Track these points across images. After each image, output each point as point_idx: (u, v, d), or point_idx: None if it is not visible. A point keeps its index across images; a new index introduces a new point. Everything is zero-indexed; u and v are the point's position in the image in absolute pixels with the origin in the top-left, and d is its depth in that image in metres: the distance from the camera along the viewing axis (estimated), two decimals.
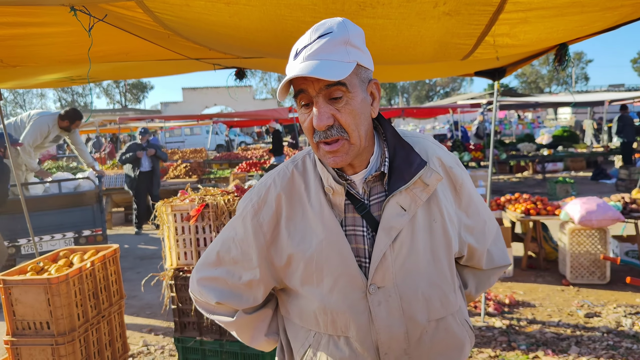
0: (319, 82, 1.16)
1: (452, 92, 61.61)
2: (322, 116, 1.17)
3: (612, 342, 4.16)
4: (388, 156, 1.31)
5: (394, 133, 1.35)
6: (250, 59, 3.72)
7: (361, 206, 1.29)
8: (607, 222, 5.39)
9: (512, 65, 4.10)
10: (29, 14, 2.23)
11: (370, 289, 1.25)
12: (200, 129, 28.08)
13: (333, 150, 1.20)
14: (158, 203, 3.52)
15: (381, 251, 1.25)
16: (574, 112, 25.08)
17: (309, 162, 1.37)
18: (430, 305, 1.29)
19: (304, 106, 1.22)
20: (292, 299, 1.38)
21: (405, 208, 1.26)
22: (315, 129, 1.21)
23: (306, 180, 1.33)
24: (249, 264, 1.36)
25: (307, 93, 1.19)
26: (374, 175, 1.30)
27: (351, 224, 1.29)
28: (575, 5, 2.16)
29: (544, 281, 5.79)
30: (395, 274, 1.26)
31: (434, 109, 18.69)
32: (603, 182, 12.82)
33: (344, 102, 1.18)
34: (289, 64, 1.22)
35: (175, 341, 3.57)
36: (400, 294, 1.26)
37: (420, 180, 1.26)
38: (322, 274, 1.28)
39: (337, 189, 1.26)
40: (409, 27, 2.43)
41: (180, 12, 2.27)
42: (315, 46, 1.16)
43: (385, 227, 1.25)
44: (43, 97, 63.13)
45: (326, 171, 1.28)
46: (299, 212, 1.31)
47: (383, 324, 1.26)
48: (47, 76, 3.82)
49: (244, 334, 1.48)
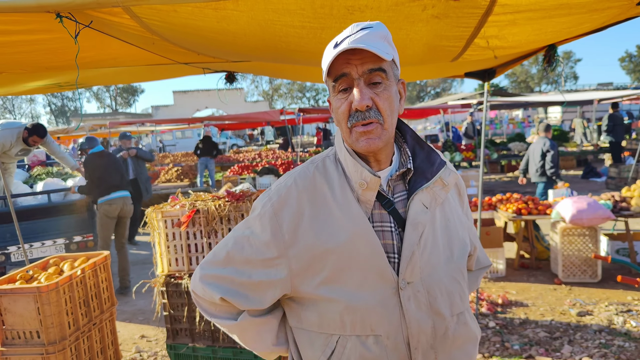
0: (362, 65, 1.22)
1: (442, 92, 61.84)
2: (364, 96, 1.21)
3: (604, 340, 4.19)
4: (410, 155, 1.37)
5: (413, 134, 1.42)
6: (239, 63, 3.70)
7: (388, 202, 1.31)
8: (598, 221, 5.43)
9: (502, 66, 4.12)
10: (14, 22, 2.20)
11: (401, 284, 1.27)
12: (192, 132, 27.99)
13: (368, 130, 1.24)
14: (148, 209, 3.50)
15: (411, 246, 1.27)
16: (564, 111, 25.27)
17: (329, 162, 1.38)
18: (452, 300, 1.33)
19: (341, 92, 1.26)
20: (306, 306, 1.34)
21: (427, 206, 1.31)
22: (350, 113, 1.25)
23: (329, 179, 1.34)
24: (263, 264, 1.33)
25: (348, 76, 1.23)
26: (398, 174, 1.34)
27: (378, 220, 1.31)
28: (562, 7, 2.17)
29: (537, 280, 5.82)
30: (422, 268, 1.29)
31: (425, 109, 18.73)
32: (593, 181, 12.93)
33: (382, 88, 1.24)
34: (329, 52, 1.24)
35: (168, 348, 3.54)
36: (427, 289, 1.29)
37: (440, 180, 1.33)
38: (352, 270, 1.27)
39: (371, 182, 1.27)
40: (397, 31, 2.44)
41: (167, 18, 2.25)
42: (359, 35, 1.21)
43: (413, 223, 1.28)
44: (32, 102, 62.66)
45: (359, 165, 1.28)
46: (324, 210, 1.31)
47: (414, 317, 1.27)
48: (35, 83, 3.78)
49: (248, 338, 1.43)
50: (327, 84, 1.32)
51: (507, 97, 16.52)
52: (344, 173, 1.34)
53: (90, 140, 6.51)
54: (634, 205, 5.87)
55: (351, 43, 1.19)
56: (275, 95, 60.95)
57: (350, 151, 1.32)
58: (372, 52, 1.19)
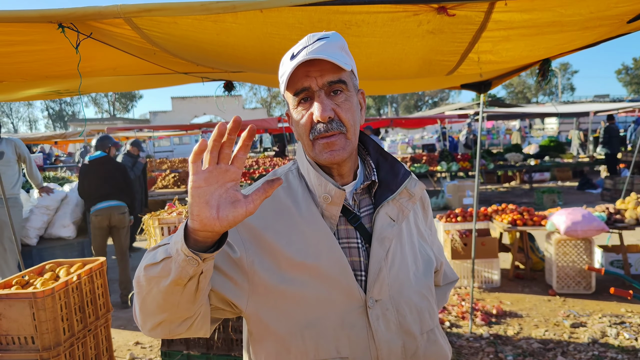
0: (322, 77, 1.18)
1: (440, 101, 62.10)
2: (325, 107, 1.18)
3: (598, 352, 4.21)
4: (374, 167, 1.33)
5: (376, 146, 1.38)
6: (238, 73, 3.74)
7: (354, 217, 1.27)
8: (592, 233, 5.46)
9: (497, 78, 4.17)
10: (16, 33, 2.23)
11: (369, 303, 1.21)
12: (190, 138, 27.99)
13: (331, 142, 1.20)
14: (145, 216, 3.52)
15: (378, 262, 1.23)
16: (560, 122, 25.42)
17: (292, 177, 1.33)
18: (422, 317, 1.29)
19: (301, 103, 1.22)
20: (262, 334, 1.24)
21: (393, 219, 1.27)
22: (312, 126, 1.21)
23: (293, 193, 1.29)
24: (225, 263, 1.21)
25: (309, 90, 1.20)
26: (363, 187, 1.30)
27: (344, 236, 1.26)
28: (554, 25, 2.22)
29: (531, 291, 5.84)
30: (390, 285, 1.24)
31: (423, 119, 18.84)
32: (589, 192, 12.98)
33: (343, 98, 1.21)
34: (287, 65, 1.21)
35: (162, 355, 3.55)
36: (396, 307, 1.24)
37: (406, 191, 1.29)
38: (316, 290, 1.20)
39: (336, 195, 1.22)
40: (393, 45, 2.48)
41: (168, 29, 2.29)
42: (316, 45, 1.18)
43: (379, 238, 1.24)
44: (30, 106, 62.70)
45: (323, 178, 1.24)
46: (289, 225, 1.24)
47: (383, 338, 1.22)
48: (34, 90, 3.81)
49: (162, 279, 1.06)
50: (285, 96, 1.28)
51: (504, 107, 16.62)
52: (307, 188, 1.29)
53: (102, 139, 6.26)
54: (628, 217, 5.90)
55: (309, 54, 1.16)
56: (274, 103, 61.11)
57: (313, 164, 1.27)
58: (331, 63, 1.17)
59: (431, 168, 14.05)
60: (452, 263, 6.02)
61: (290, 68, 1.17)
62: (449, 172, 13.89)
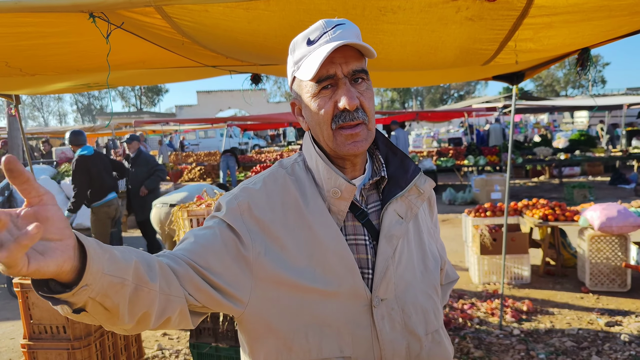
0: (347, 64, 1.14)
1: (466, 95, 61.25)
2: (352, 94, 1.13)
3: (635, 352, 4.07)
4: (384, 162, 1.29)
5: (386, 140, 1.33)
6: (265, 66, 3.70)
7: (362, 214, 1.22)
8: (628, 229, 5.29)
9: (532, 69, 4.04)
10: (48, 24, 2.23)
11: (374, 302, 1.18)
12: (215, 132, 28.24)
13: (355, 133, 1.15)
14: (174, 208, 3.51)
15: (385, 260, 1.19)
16: (591, 115, 24.77)
17: (298, 169, 1.27)
18: (427, 318, 1.25)
19: (322, 91, 1.16)
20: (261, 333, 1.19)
21: (402, 216, 1.23)
22: (335, 113, 1.15)
23: (300, 186, 1.23)
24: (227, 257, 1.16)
25: (334, 77, 1.14)
26: (371, 182, 1.26)
27: (352, 232, 1.22)
28: (602, 9, 2.10)
29: (562, 288, 5.69)
30: (396, 284, 1.21)
31: (449, 112, 18.59)
32: (622, 187, 12.63)
33: (365, 87, 1.17)
34: (307, 49, 1.16)
35: (191, 347, 3.55)
36: (402, 306, 1.21)
37: (415, 187, 1.25)
38: (323, 286, 1.16)
39: (345, 190, 1.17)
40: (430, 33, 2.40)
41: (198, 18, 2.26)
42: (337, 30, 1.13)
43: (387, 236, 1.20)
44: (60, 100, 64.15)
45: (334, 172, 1.18)
46: (296, 218, 1.20)
47: (387, 338, 1.18)
48: (65, 83, 3.84)
49: None
50: (299, 84, 1.21)
51: (533, 100, 16.27)
52: (314, 181, 1.24)
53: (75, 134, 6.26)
54: None
55: (333, 39, 1.12)
56: None
57: (323, 157, 1.21)
58: (354, 50, 1.14)
59: (458, 162, 13.86)
60: (482, 259, 5.91)
61: (322, 55, 1.10)
62: (476, 166, 13.68)
